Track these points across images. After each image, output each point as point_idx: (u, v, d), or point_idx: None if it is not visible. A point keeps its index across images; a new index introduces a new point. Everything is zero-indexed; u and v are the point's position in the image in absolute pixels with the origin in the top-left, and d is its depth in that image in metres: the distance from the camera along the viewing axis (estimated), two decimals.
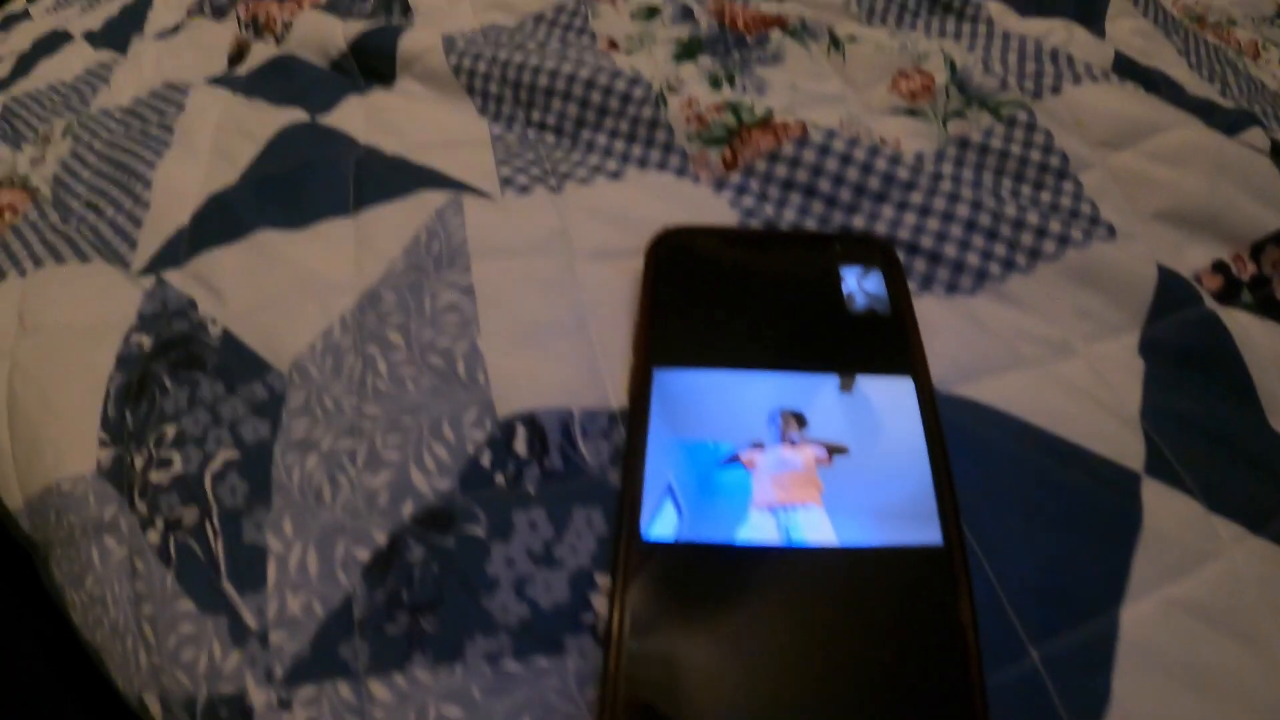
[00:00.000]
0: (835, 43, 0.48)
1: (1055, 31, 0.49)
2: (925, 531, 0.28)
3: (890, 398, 0.32)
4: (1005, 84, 0.43)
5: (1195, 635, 0.28)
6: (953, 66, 0.44)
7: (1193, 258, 0.39)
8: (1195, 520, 0.31)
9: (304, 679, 0.28)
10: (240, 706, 0.28)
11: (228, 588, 0.30)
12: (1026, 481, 0.31)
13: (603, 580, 0.29)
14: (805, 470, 0.29)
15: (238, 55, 0.55)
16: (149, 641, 0.30)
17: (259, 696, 0.28)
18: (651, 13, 0.51)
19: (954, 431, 0.31)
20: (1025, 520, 0.30)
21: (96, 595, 0.32)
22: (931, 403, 0.31)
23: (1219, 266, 0.39)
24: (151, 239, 0.44)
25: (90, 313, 0.40)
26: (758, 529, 0.28)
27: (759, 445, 0.30)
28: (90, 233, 0.45)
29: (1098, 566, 0.29)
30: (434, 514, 0.31)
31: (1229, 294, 0.38)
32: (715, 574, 0.27)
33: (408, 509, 0.31)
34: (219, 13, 0.62)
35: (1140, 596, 0.29)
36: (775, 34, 0.49)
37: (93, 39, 0.65)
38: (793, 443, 0.30)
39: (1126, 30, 0.52)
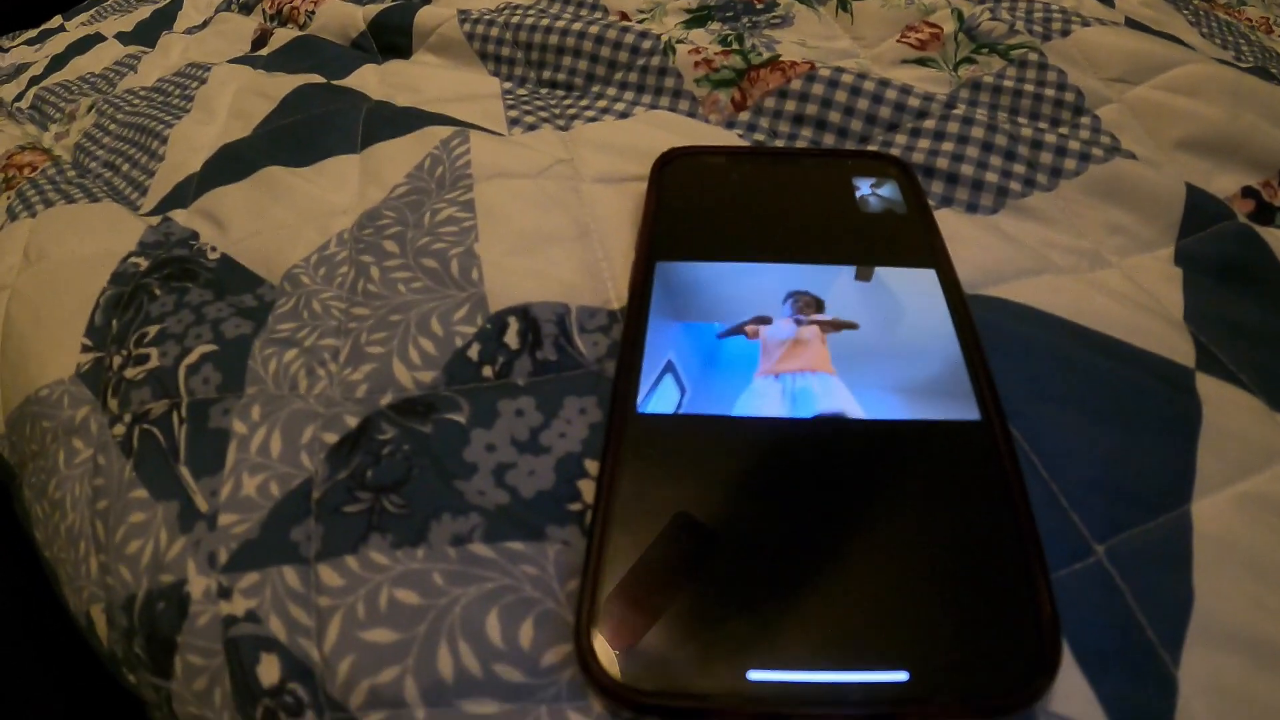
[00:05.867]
0: (842, 3, 0.46)
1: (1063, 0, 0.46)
2: (960, 408, 0.23)
3: (911, 287, 0.28)
4: (1014, 29, 0.40)
5: (1278, 533, 0.22)
6: (960, 16, 0.42)
7: (1221, 184, 0.35)
8: (1259, 417, 0.26)
9: (248, 565, 0.23)
10: (177, 596, 0.23)
11: (183, 472, 0.26)
12: (1074, 376, 0.26)
13: (594, 466, 0.24)
14: (814, 340, 0.25)
15: (261, 42, 0.55)
16: (99, 540, 0.26)
17: (198, 584, 0.23)
18: None
19: (988, 328, 0.27)
20: (1077, 415, 0.25)
21: (57, 500, 0.29)
22: (957, 290, 0.27)
23: (1249, 192, 0.35)
24: (162, 186, 0.42)
25: (94, 244, 0.38)
26: (767, 397, 0.24)
27: (764, 320, 0.26)
28: (104, 185, 0.43)
29: (1161, 461, 0.24)
30: (412, 402, 0.26)
31: (1262, 218, 0.34)
32: (723, 449, 0.23)
33: (386, 399, 0.27)
34: (246, 10, 0.62)
35: (1211, 491, 0.24)
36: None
37: (123, 38, 0.66)
38: (799, 322, 0.26)
39: (1135, 2, 0.49)
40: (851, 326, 0.26)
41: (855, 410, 0.23)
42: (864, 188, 0.31)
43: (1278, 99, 0.37)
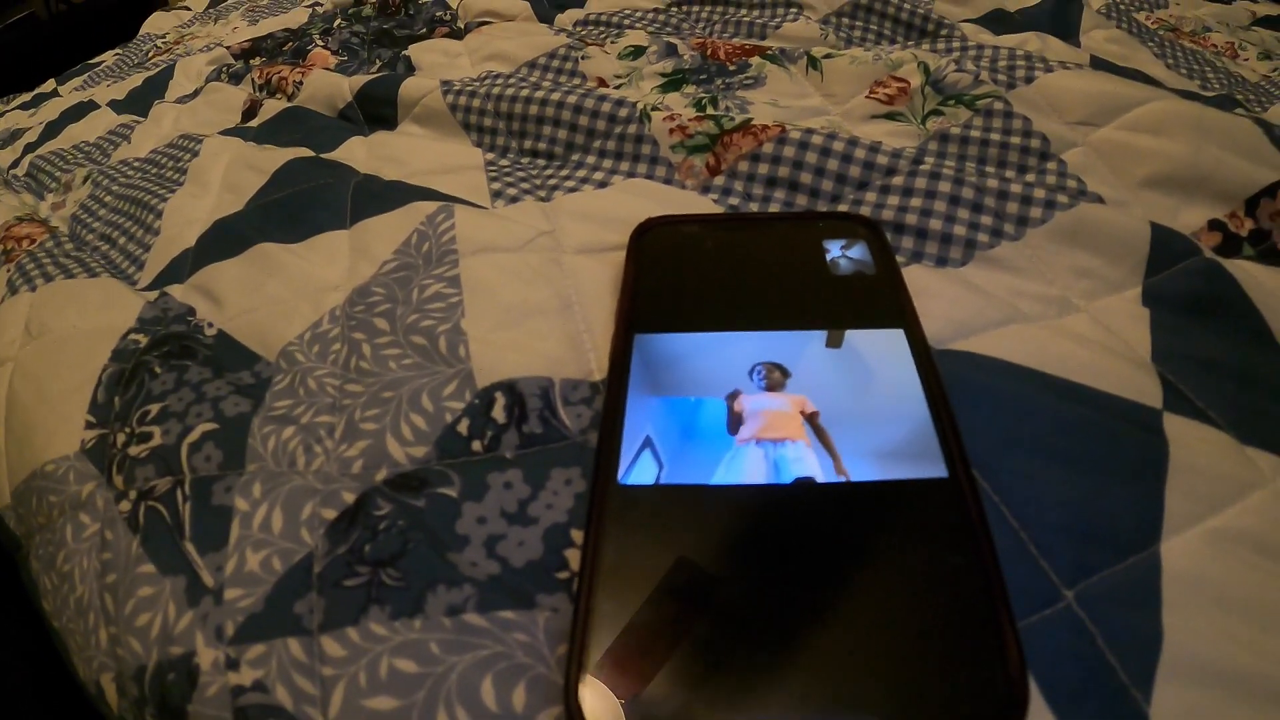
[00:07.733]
0: (813, 62, 0.49)
1: (1029, 42, 0.49)
2: (928, 467, 0.25)
3: (880, 349, 0.30)
4: (979, 79, 0.43)
5: (1249, 565, 0.24)
6: (926, 70, 0.45)
7: (1187, 219, 0.38)
8: (1228, 452, 0.28)
9: (254, 637, 0.25)
10: (187, 668, 0.25)
11: (189, 548, 0.28)
12: (1041, 424, 0.28)
13: (580, 536, 0.26)
14: (791, 411, 0.27)
15: (251, 112, 0.58)
16: (109, 612, 0.28)
17: (206, 656, 0.25)
18: (638, 51, 0.53)
19: (957, 383, 0.29)
20: (1044, 462, 0.27)
21: (65, 573, 0.31)
22: (925, 348, 0.29)
23: (1215, 225, 0.37)
24: (158, 261, 0.44)
25: (94, 319, 0.40)
26: (742, 464, 0.26)
27: (742, 394, 0.28)
28: (101, 258, 0.46)
29: (1129, 503, 0.26)
30: (406, 477, 0.28)
31: (1229, 250, 0.36)
32: (700, 517, 0.25)
33: (381, 475, 0.29)
34: (236, 79, 0.65)
35: (1180, 530, 0.25)
36: (755, 60, 0.50)
37: (116, 106, 0.69)
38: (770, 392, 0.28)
39: (1101, 39, 0.52)
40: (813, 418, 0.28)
41: (828, 476, 0.25)
42: (834, 250, 0.34)
43: (1240, 130, 0.39)
